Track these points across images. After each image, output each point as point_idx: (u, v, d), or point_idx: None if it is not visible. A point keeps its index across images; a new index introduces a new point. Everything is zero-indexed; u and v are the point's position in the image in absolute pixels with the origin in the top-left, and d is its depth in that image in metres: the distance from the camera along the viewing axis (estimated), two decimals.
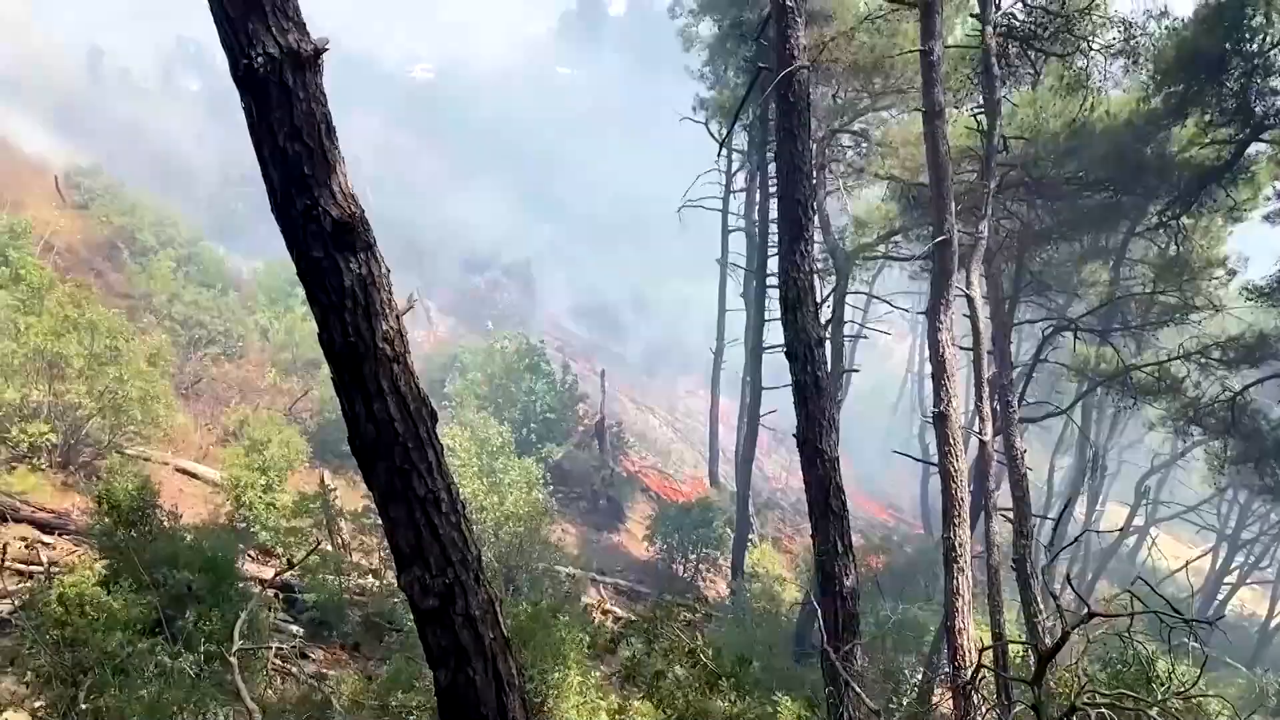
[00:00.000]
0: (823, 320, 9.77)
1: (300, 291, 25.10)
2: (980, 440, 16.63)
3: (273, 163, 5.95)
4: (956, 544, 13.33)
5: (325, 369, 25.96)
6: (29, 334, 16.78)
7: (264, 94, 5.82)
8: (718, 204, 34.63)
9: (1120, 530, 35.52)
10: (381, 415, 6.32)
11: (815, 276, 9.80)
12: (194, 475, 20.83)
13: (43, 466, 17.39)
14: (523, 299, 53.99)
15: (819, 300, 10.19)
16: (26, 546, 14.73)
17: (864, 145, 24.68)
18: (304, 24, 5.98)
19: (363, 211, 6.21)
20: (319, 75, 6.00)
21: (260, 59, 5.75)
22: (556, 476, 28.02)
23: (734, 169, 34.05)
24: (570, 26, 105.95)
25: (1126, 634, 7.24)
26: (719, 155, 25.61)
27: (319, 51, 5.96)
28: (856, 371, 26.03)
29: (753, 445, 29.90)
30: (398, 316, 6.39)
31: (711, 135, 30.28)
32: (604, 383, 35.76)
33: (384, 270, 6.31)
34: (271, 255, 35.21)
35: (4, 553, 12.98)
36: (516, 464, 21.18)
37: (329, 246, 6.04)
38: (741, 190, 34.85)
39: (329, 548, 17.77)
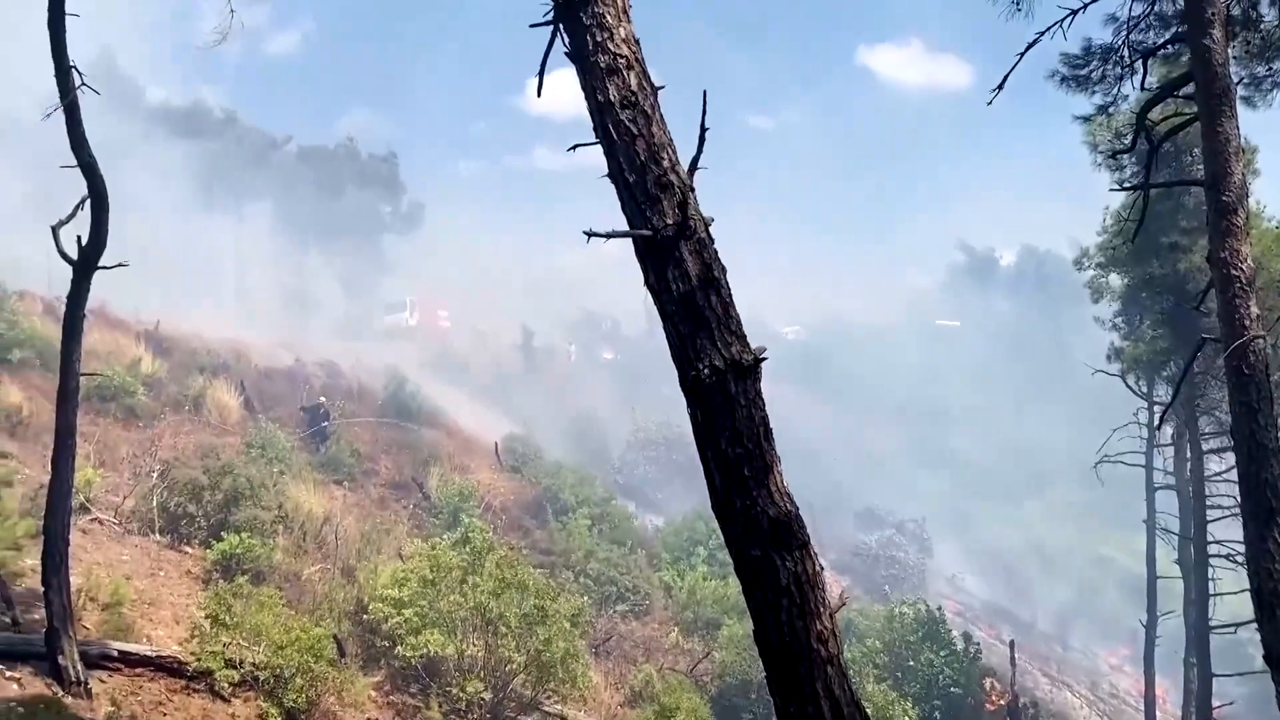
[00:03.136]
0: None
1: (701, 550, 25.69)
2: None
3: (715, 465, 6.24)
4: None
5: (725, 631, 26.08)
6: (474, 593, 18.64)
7: (709, 402, 6.19)
8: (1137, 458, 31.66)
9: None
10: None
11: None
12: None
13: None
14: (918, 558, 51.71)
15: None
16: None
17: None
18: (744, 336, 6.31)
19: (798, 510, 6.31)
20: (758, 382, 6.32)
21: (706, 371, 6.16)
22: None
23: (1158, 421, 31.18)
24: (957, 279, 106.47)
25: None
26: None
27: (758, 360, 6.30)
28: None
29: None
30: (831, 616, 6.28)
31: (1129, 387, 28.30)
32: (1013, 654, 32.60)
33: (818, 568, 6.30)
34: (673, 513, 37.13)
35: None
36: None
37: (765, 545, 6.15)
38: (1168, 445, 31.66)
39: None
